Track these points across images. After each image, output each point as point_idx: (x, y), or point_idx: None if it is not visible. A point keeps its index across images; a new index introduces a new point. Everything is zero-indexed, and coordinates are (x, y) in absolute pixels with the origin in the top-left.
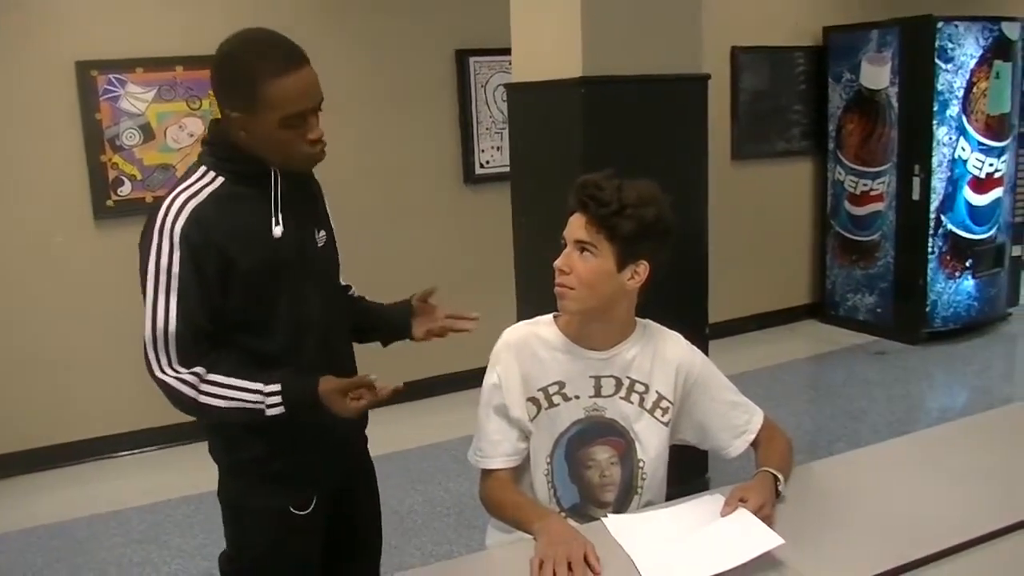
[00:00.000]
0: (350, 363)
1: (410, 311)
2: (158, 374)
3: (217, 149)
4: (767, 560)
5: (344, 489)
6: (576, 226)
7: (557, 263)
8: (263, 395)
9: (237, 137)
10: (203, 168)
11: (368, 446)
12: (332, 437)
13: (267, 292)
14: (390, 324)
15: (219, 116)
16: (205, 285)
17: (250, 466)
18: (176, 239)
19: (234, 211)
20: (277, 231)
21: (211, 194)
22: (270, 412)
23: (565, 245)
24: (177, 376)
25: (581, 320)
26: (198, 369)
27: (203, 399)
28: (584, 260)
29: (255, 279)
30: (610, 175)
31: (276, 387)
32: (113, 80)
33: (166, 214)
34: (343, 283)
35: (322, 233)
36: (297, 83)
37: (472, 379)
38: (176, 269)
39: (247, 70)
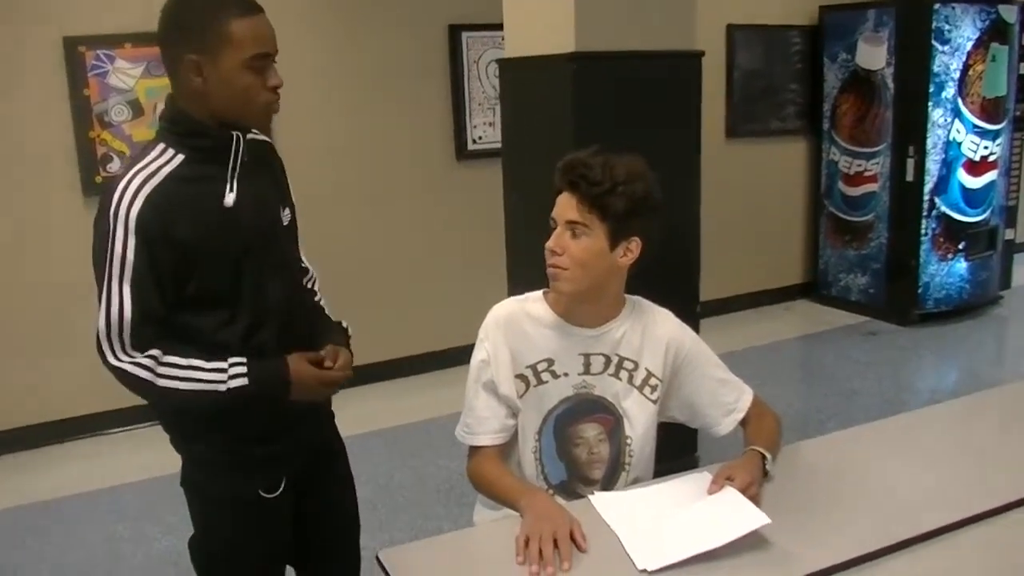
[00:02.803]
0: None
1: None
2: (112, 361)
3: (175, 124)
4: (754, 539)
5: (313, 468)
6: (567, 206)
7: (549, 244)
8: (223, 372)
9: (191, 92)
10: (161, 145)
11: (354, 426)
12: (294, 415)
13: (228, 275)
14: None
15: (172, 92)
16: (160, 273)
17: (213, 454)
18: (131, 225)
19: (193, 193)
20: (229, 199)
21: (169, 175)
22: (233, 383)
23: (555, 225)
24: (133, 361)
25: (572, 298)
26: (154, 352)
27: (161, 382)
28: (577, 240)
29: (217, 262)
30: (596, 152)
31: (240, 359)
32: (101, 56)
33: (121, 197)
34: (303, 265)
35: (287, 211)
36: (261, 25)
37: (463, 356)
38: (131, 256)
39: (211, 8)
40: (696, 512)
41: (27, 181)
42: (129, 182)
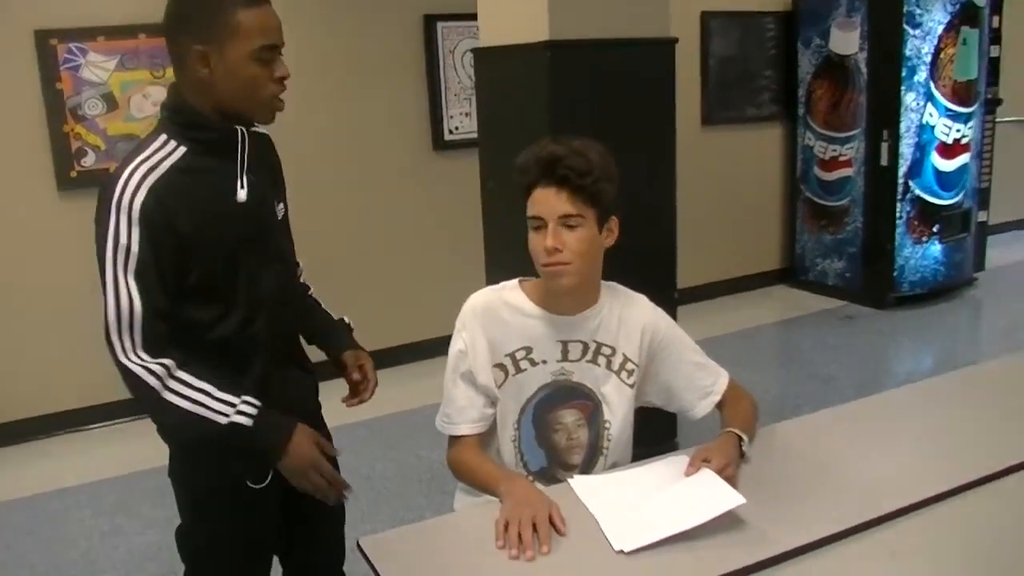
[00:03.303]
0: (296, 348)
1: (340, 349)
2: (123, 360)
3: (178, 115)
4: (730, 519)
5: None
6: (556, 202)
7: (546, 244)
8: (231, 406)
9: (196, 82)
10: (163, 136)
11: (336, 416)
12: (283, 407)
13: (225, 267)
14: (324, 344)
15: (176, 82)
16: (163, 265)
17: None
18: (135, 216)
19: (195, 185)
20: (242, 195)
21: (171, 167)
22: (236, 418)
23: (540, 224)
24: (143, 365)
25: (573, 290)
26: (167, 361)
27: (166, 395)
28: (574, 233)
29: (214, 254)
30: (559, 142)
31: (254, 401)
32: (73, 49)
33: (123, 188)
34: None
35: (281, 205)
36: (268, 16)
37: (442, 346)
38: (135, 248)
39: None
40: (673, 493)
41: (1, 176)
42: (132, 173)
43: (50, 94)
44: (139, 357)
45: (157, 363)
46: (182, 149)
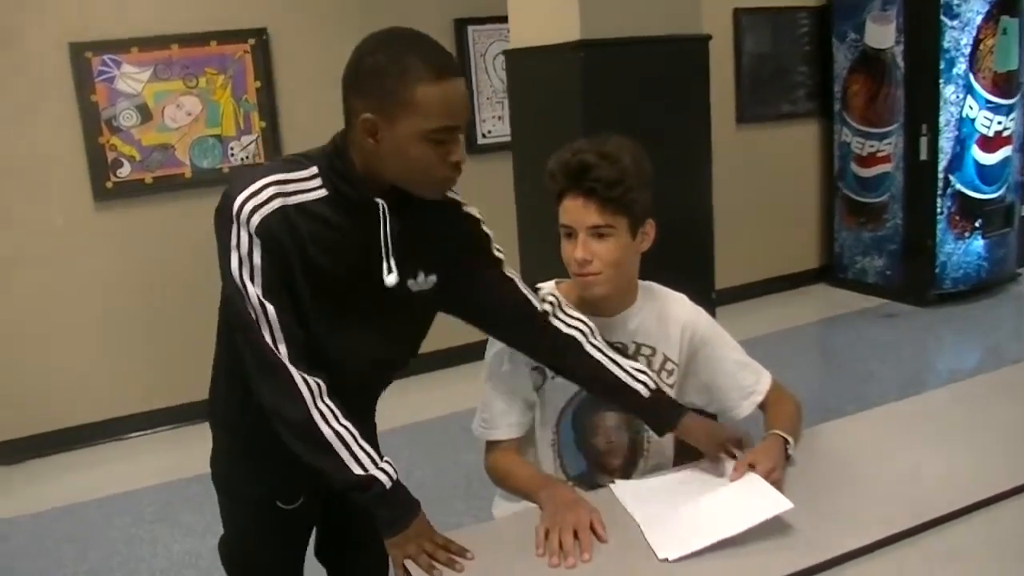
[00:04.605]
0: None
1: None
2: (283, 360)
3: (336, 162)
4: (776, 524)
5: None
6: (585, 213)
7: (576, 255)
8: (373, 460)
9: (361, 146)
10: (313, 169)
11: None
12: None
13: (323, 333)
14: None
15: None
16: (286, 284)
17: (238, 450)
18: (253, 230)
19: (318, 236)
20: (390, 279)
21: (302, 203)
22: (375, 473)
23: (570, 233)
24: (300, 373)
25: (606, 298)
26: (321, 381)
27: (314, 413)
28: (604, 243)
29: (311, 321)
30: (588, 150)
31: (392, 469)
32: (108, 61)
33: (246, 200)
34: (532, 291)
35: (431, 277)
36: (454, 94)
37: (480, 350)
38: (257, 261)
39: (401, 67)
40: (718, 499)
41: (38, 188)
42: (261, 190)
43: (85, 106)
44: (293, 363)
45: (313, 379)
46: (323, 192)
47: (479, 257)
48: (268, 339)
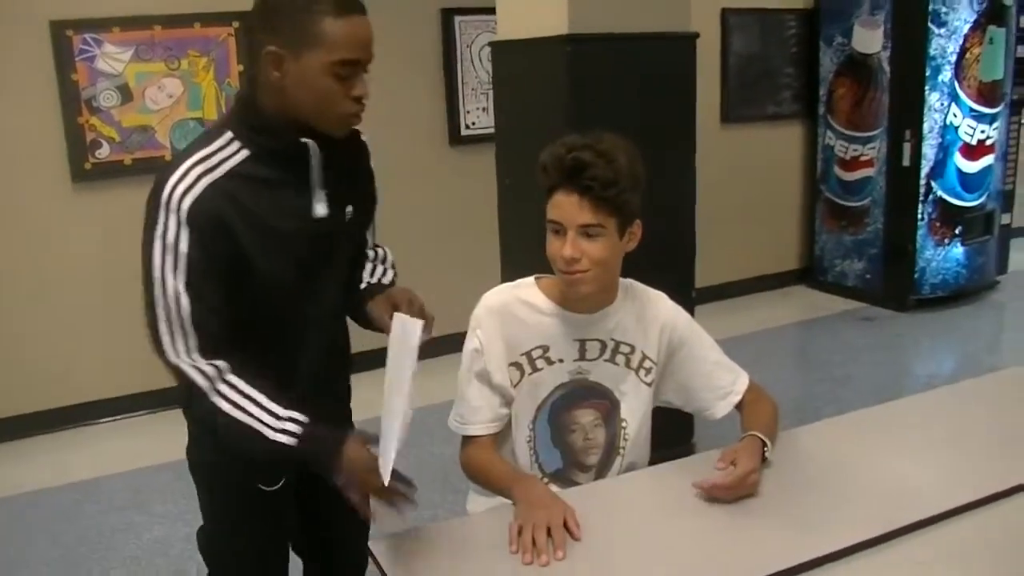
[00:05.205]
0: (346, 359)
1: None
2: (172, 358)
3: (248, 115)
4: (751, 527)
5: None
6: (576, 210)
7: (564, 253)
8: (277, 418)
9: (268, 84)
10: (228, 135)
11: (352, 416)
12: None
13: (281, 292)
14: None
15: (251, 76)
16: (217, 267)
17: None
18: (183, 217)
19: (255, 195)
20: (319, 209)
21: (229, 171)
22: (279, 437)
23: (558, 229)
24: (194, 365)
25: (592, 296)
26: (220, 363)
27: (214, 398)
28: (593, 242)
29: (274, 272)
30: (584, 147)
31: (299, 417)
32: (89, 40)
33: (175, 185)
34: (372, 248)
35: (350, 208)
36: (358, 28)
37: (455, 343)
38: (184, 248)
39: (308, 1)
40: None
41: (16, 167)
42: (186, 173)
43: (65, 85)
44: (191, 358)
45: (210, 364)
46: (245, 152)
47: (372, 192)
48: (167, 338)
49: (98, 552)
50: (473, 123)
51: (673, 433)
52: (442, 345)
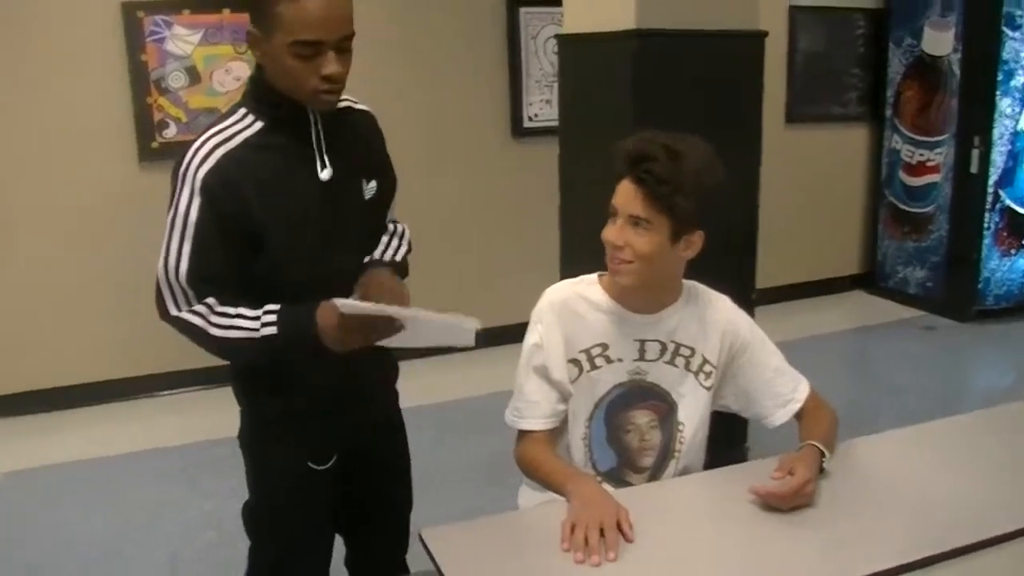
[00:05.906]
0: None
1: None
2: (173, 312)
3: (256, 89)
4: (805, 540)
5: (369, 445)
6: (629, 199)
7: (610, 238)
8: (257, 319)
9: (261, 61)
10: (242, 110)
11: (400, 400)
12: (356, 391)
13: (297, 260)
14: None
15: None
16: (226, 235)
17: (268, 415)
18: (197, 186)
19: (265, 161)
20: (324, 174)
21: (244, 141)
22: (264, 331)
23: (614, 213)
24: (191, 310)
25: (633, 289)
26: (209, 300)
27: (213, 331)
28: (639, 235)
29: (282, 240)
30: (660, 139)
31: (272, 307)
32: (159, 21)
33: (192, 157)
34: (389, 222)
35: (372, 184)
36: (313, 10)
37: (510, 335)
38: (193, 217)
39: None
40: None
41: (85, 146)
42: (203, 144)
43: (135, 66)
44: (188, 309)
45: (201, 304)
46: (259, 124)
47: (390, 172)
48: (168, 299)
49: (147, 524)
50: (536, 115)
51: (725, 437)
52: (498, 336)
